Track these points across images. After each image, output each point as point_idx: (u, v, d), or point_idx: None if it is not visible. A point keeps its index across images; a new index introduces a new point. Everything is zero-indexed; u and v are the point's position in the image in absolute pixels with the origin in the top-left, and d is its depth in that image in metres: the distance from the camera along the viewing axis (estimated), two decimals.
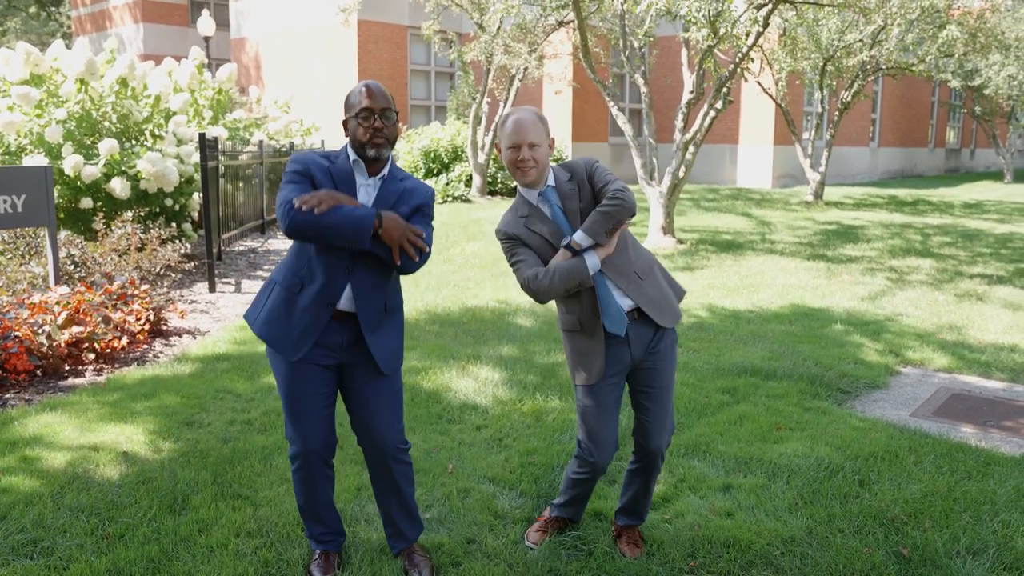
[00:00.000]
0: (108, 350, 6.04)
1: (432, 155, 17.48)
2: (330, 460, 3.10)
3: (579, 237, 2.96)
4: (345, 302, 2.92)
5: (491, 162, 17.02)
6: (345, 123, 2.94)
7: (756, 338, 6.57)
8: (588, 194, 3.07)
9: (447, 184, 16.84)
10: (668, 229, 11.43)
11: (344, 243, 2.78)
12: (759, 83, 16.82)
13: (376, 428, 3.03)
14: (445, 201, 16.29)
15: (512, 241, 3.09)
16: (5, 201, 6.39)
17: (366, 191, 2.94)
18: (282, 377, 2.99)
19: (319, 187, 2.86)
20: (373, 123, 2.86)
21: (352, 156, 2.94)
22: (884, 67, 17.19)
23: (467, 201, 16.40)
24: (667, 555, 3.25)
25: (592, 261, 2.96)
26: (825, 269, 9.69)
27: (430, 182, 16.83)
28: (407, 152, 17.67)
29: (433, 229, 3.04)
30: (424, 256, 2.88)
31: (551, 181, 3.11)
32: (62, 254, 7.53)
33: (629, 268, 3.08)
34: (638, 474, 3.28)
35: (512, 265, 3.09)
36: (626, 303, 3.06)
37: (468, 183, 17.07)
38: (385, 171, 2.96)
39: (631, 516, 3.37)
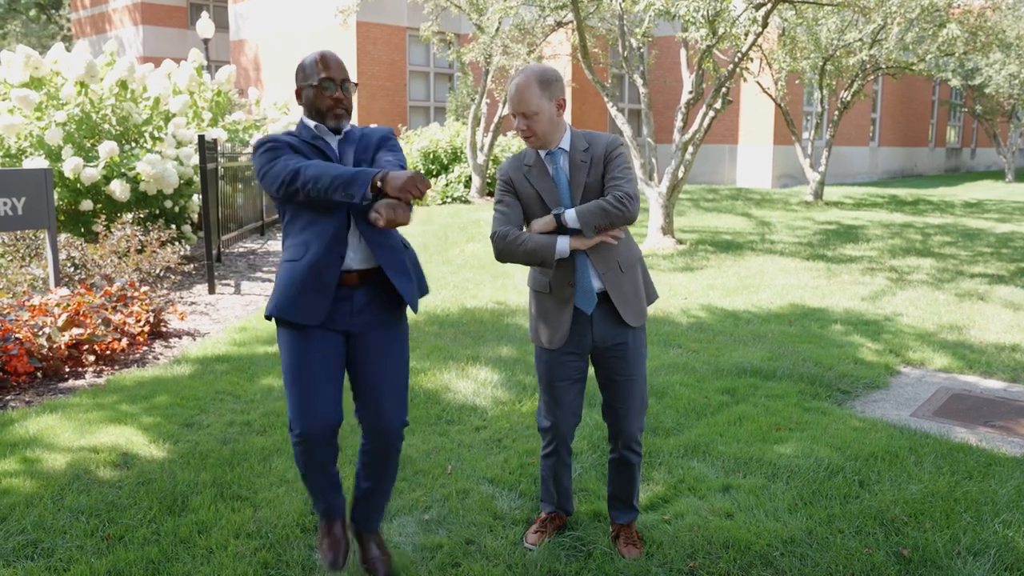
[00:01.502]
0: (108, 352, 6.05)
1: (431, 156, 17.48)
2: (335, 441, 2.96)
3: (570, 217, 2.96)
4: (355, 261, 2.86)
5: (490, 163, 17.01)
6: (299, 92, 2.90)
7: (756, 338, 6.56)
8: (599, 173, 3.04)
9: (446, 185, 16.84)
10: (667, 229, 11.43)
11: (343, 197, 2.66)
12: (758, 83, 16.82)
13: (383, 409, 2.94)
14: (444, 202, 16.29)
15: (506, 184, 3.09)
16: (5, 203, 6.39)
17: (331, 149, 2.94)
18: (287, 348, 2.88)
19: (300, 154, 2.85)
20: (334, 93, 2.85)
21: (312, 123, 2.93)
22: (884, 66, 17.18)
23: (466, 202, 16.40)
24: (666, 556, 3.25)
25: (562, 246, 2.96)
26: (825, 269, 9.68)
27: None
28: (406, 153, 17.68)
29: (404, 156, 3.04)
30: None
31: (565, 144, 3.07)
32: (62, 256, 7.53)
33: (613, 257, 3.09)
34: (617, 463, 3.32)
35: (494, 208, 3.11)
36: (596, 285, 3.08)
37: (467, 184, 17.07)
38: (344, 131, 2.97)
39: (622, 508, 3.37)
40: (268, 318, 2.94)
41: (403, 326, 3.04)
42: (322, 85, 2.83)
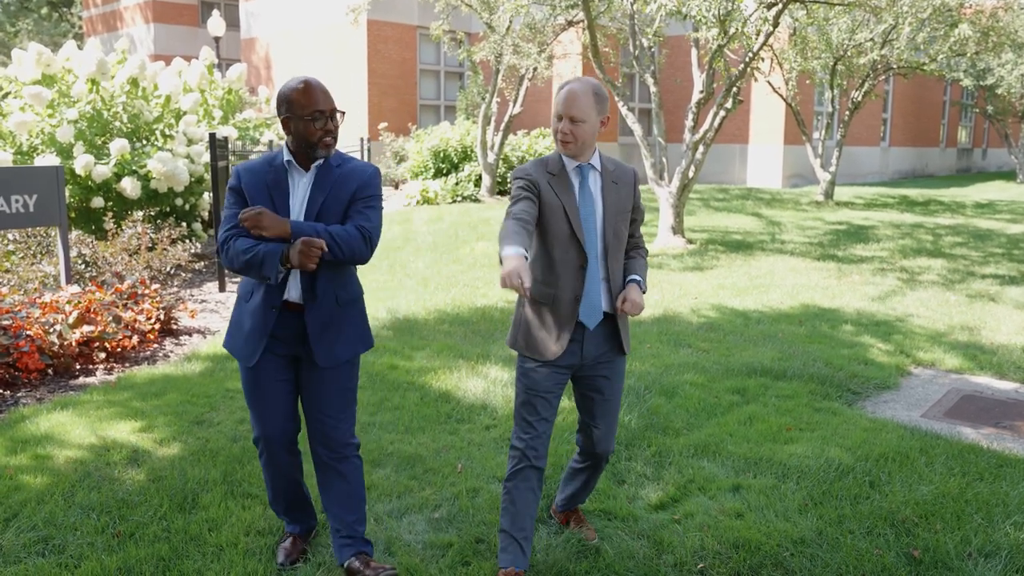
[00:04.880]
0: (119, 349, 6.07)
1: (442, 155, 17.49)
2: (293, 447, 3.13)
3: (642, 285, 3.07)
4: (295, 294, 2.94)
5: (500, 162, 17.02)
6: (286, 122, 2.88)
7: (766, 338, 6.55)
8: (625, 200, 3.08)
9: (456, 184, 16.84)
10: (678, 229, 11.41)
11: (260, 279, 2.87)
12: (769, 83, 16.76)
13: (323, 423, 3.03)
14: (455, 201, 16.30)
15: (530, 184, 2.94)
16: (17, 201, 6.43)
17: (303, 185, 2.93)
18: (242, 370, 3.06)
19: (251, 203, 2.87)
20: (325, 125, 2.85)
21: (286, 157, 2.92)
22: (895, 66, 17.10)
23: (476, 201, 16.40)
24: (676, 556, 3.24)
25: (508, 253, 2.60)
26: (835, 269, 9.65)
27: (439, 182, 16.83)
28: (417, 152, 17.68)
29: (380, 209, 2.99)
30: (369, 243, 2.89)
31: (595, 162, 3.05)
32: (73, 253, 7.56)
33: (620, 283, 3.08)
34: (582, 472, 3.33)
35: (513, 201, 2.93)
36: (604, 305, 3.05)
37: (478, 183, 17.07)
38: (320, 160, 2.94)
39: (580, 500, 3.46)
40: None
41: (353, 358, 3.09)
42: (312, 118, 2.83)
